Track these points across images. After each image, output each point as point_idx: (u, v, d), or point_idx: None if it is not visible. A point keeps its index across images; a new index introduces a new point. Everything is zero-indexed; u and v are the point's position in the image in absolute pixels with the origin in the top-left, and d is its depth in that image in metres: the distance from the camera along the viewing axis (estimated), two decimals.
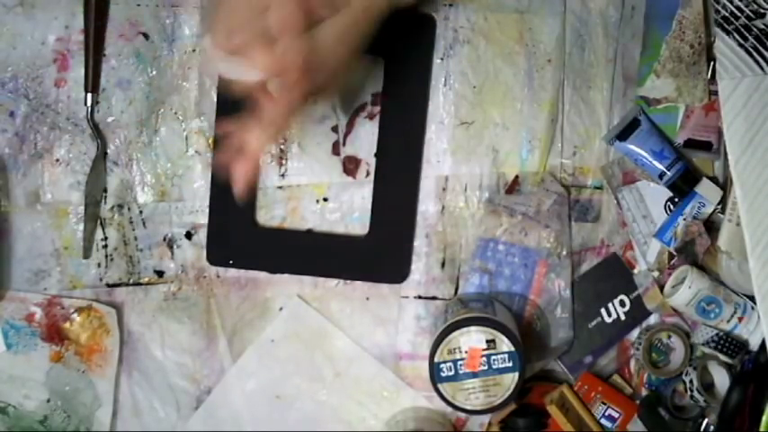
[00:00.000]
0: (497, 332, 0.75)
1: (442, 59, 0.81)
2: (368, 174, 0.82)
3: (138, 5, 0.79)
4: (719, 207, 0.80)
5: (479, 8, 0.81)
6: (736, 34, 0.75)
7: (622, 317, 0.84)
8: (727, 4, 0.75)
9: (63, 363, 0.83)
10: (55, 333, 0.82)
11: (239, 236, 0.82)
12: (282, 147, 0.82)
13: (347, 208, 0.82)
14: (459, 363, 0.75)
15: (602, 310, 0.84)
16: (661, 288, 0.82)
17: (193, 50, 0.80)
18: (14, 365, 0.82)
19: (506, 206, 0.82)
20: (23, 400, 0.83)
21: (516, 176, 0.83)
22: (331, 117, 0.81)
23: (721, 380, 0.82)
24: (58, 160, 0.81)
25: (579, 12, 0.81)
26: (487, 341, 0.75)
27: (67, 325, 0.82)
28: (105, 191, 0.81)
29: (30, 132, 0.80)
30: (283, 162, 0.82)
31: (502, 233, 0.82)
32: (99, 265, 0.82)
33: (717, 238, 0.78)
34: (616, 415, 0.84)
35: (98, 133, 0.80)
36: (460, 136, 0.82)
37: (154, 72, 0.80)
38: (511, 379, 0.75)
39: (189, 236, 0.82)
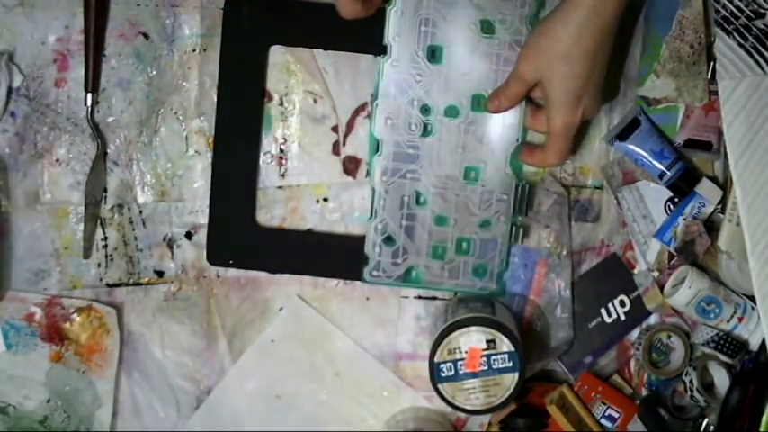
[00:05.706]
0: (497, 332, 0.75)
1: None
2: (368, 174, 0.82)
3: (138, 5, 0.79)
4: (719, 207, 0.80)
5: None
6: (736, 34, 0.75)
7: (622, 317, 0.84)
8: (727, 4, 0.75)
9: (63, 363, 0.83)
10: (55, 333, 0.82)
11: (239, 236, 0.82)
12: (282, 147, 0.82)
13: (347, 208, 0.82)
14: (459, 363, 0.75)
15: (602, 310, 0.84)
16: (661, 288, 0.82)
17: (193, 50, 0.80)
18: (14, 365, 0.82)
19: None
20: (23, 400, 0.83)
21: None
22: (331, 117, 0.81)
23: (721, 380, 0.82)
24: (57, 160, 0.81)
25: None
26: (487, 341, 0.75)
27: (67, 325, 0.82)
28: (105, 191, 0.81)
29: (30, 132, 0.80)
30: (283, 162, 0.82)
31: None
32: (99, 265, 0.82)
33: (717, 238, 0.78)
34: (616, 415, 0.84)
35: (98, 133, 0.80)
36: None
37: (154, 72, 0.80)
38: (511, 379, 0.75)
39: (189, 236, 0.82)
